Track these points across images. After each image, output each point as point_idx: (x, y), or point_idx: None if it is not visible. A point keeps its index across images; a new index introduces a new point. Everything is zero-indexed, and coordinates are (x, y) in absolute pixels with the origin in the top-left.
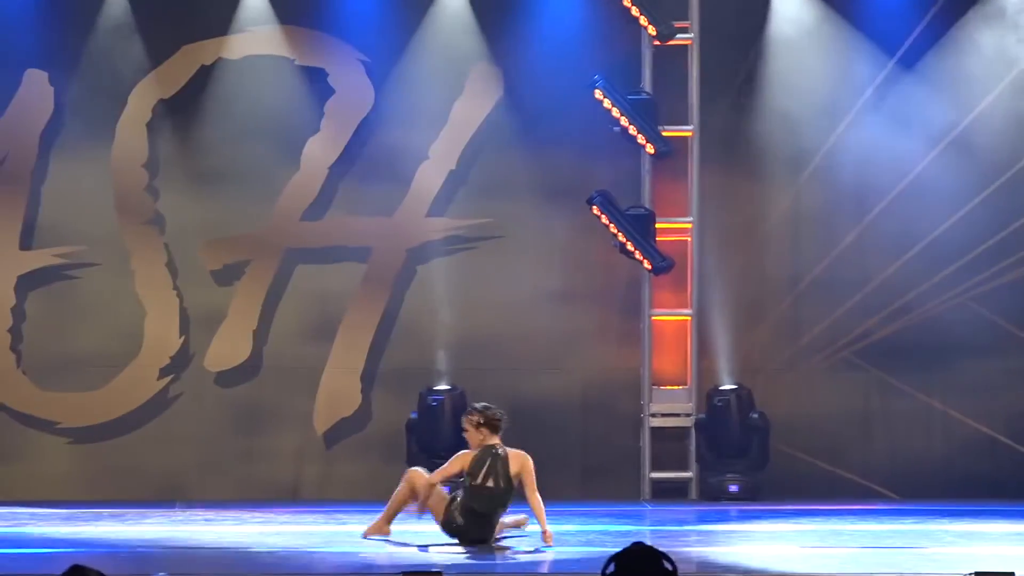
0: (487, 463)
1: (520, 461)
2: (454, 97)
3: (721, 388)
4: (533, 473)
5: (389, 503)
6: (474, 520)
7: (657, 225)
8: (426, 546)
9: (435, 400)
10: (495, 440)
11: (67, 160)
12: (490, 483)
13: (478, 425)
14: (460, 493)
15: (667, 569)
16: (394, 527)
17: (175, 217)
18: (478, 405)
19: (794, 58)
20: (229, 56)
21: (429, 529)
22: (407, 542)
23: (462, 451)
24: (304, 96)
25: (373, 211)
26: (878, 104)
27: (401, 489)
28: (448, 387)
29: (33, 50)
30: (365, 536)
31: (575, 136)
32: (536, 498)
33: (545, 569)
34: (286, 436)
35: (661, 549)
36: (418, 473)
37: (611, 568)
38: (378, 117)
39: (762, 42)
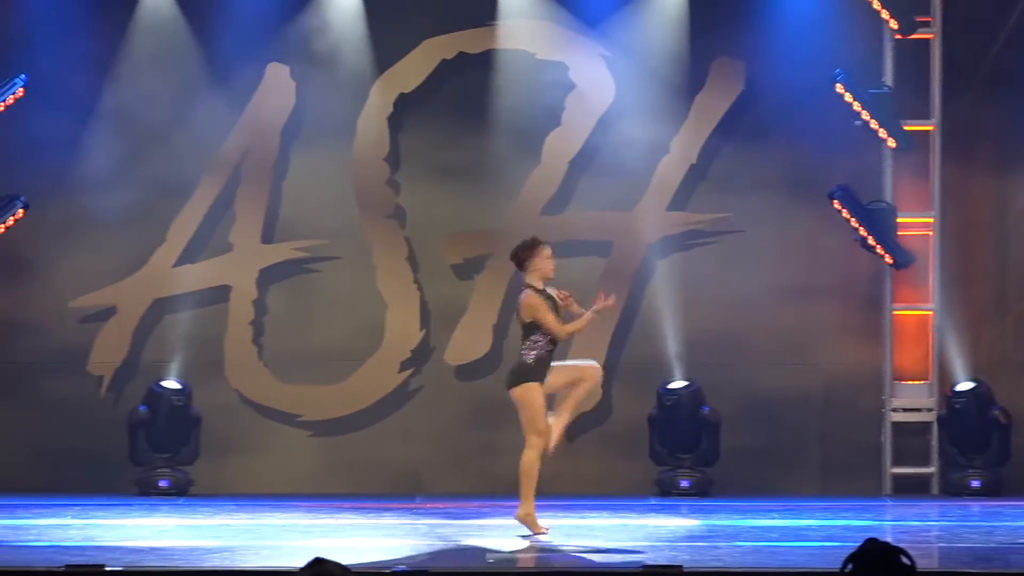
0: (549, 302)
1: None
2: (695, 91)
3: (959, 388)
4: None
5: (531, 483)
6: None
7: (898, 220)
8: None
9: (671, 396)
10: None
11: (308, 154)
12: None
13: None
14: (541, 344)
15: (905, 564)
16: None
17: (416, 211)
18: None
19: None
20: (470, 50)
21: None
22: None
23: (530, 295)
24: (545, 90)
25: (613, 205)
26: None
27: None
28: (686, 382)
29: (275, 44)
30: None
31: (816, 130)
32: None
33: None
34: None
35: (897, 545)
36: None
37: (849, 567)
38: (619, 111)
39: (1006, 35)
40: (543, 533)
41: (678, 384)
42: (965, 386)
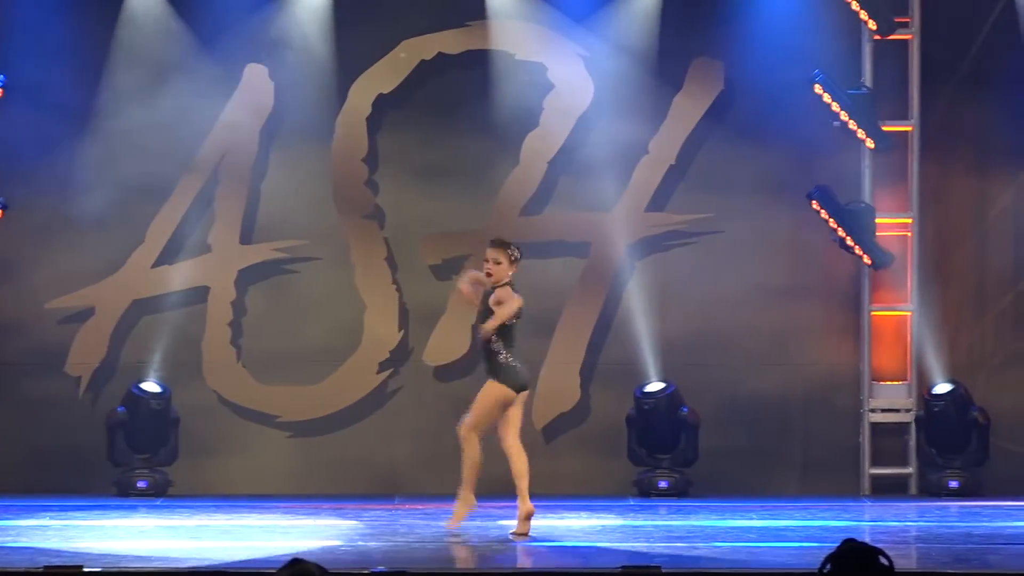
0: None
1: None
2: (674, 91)
3: (937, 388)
4: None
5: (468, 474)
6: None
7: (877, 220)
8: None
9: (648, 399)
10: None
11: (287, 155)
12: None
13: (516, 261)
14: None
15: (883, 565)
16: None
17: (394, 212)
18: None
19: (1017, 51)
20: (448, 51)
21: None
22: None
23: (505, 290)
24: (524, 90)
25: (592, 206)
26: None
27: (474, 453)
28: (664, 384)
29: (253, 45)
30: (451, 526)
31: (794, 131)
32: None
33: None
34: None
35: (875, 545)
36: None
37: (827, 568)
38: (597, 112)
39: (984, 35)
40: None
41: (656, 386)
42: (943, 387)
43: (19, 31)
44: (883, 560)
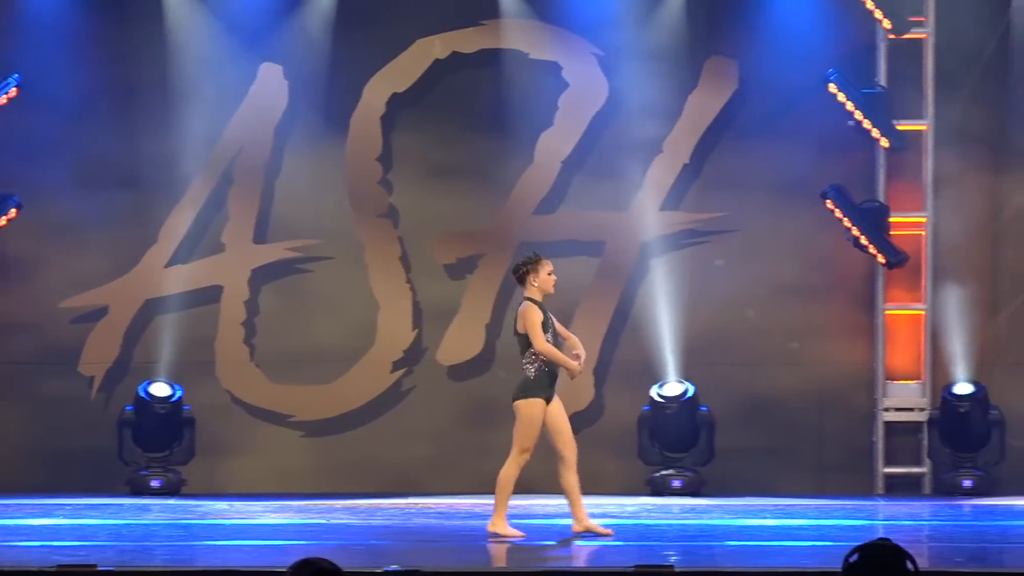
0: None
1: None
2: (688, 90)
3: (952, 388)
4: None
5: (505, 497)
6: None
7: (891, 219)
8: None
9: (670, 402)
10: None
11: (301, 154)
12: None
13: (552, 273)
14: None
15: (908, 569)
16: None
17: (409, 211)
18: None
19: None
20: (463, 50)
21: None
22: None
23: (528, 307)
24: (538, 90)
25: (606, 205)
26: None
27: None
28: (683, 384)
29: (268, 44)
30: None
31: (809, 130)
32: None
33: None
34: None
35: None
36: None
37: (855, 557)
38: (612, 111)
39: (999, 34)
40: (519, 537)
41: (675, 388)
42: (965, 387)
43: (35, 29)
44: (909, 565)
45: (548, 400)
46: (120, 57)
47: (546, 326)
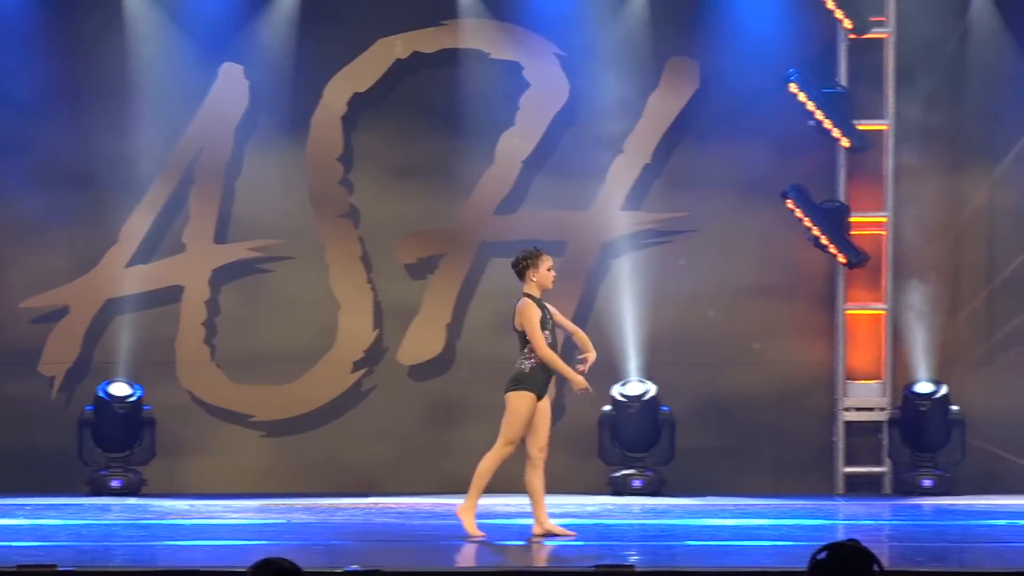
0: (543, 314)
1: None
2: (650, 90)
3: (913, 387)
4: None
5: (480, 485)
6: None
7: (851, 219)
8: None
9: (632, 401)
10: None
11: (261, 153)
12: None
13: (551, 268)
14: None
15: (873, 572)
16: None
17: (370, 211)
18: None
19: (992, 50)
20: (424, 49)
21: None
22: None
23: (527, 304)
24: (499, 90)
25: (567, 205)
26: None
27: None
28: (645, 384)
29: (229, 44)
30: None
31: (770, 130)
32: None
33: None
34: (479, 429)
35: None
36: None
37: (823, 555)
38: (573, 110)
39: (960, 35)
40: (479, 537)
41: (637, 387)
42: (919, 386)
43: None
44: (875, 568)
45: (539, 396)
46: (80, 57)
47: (545, 323)
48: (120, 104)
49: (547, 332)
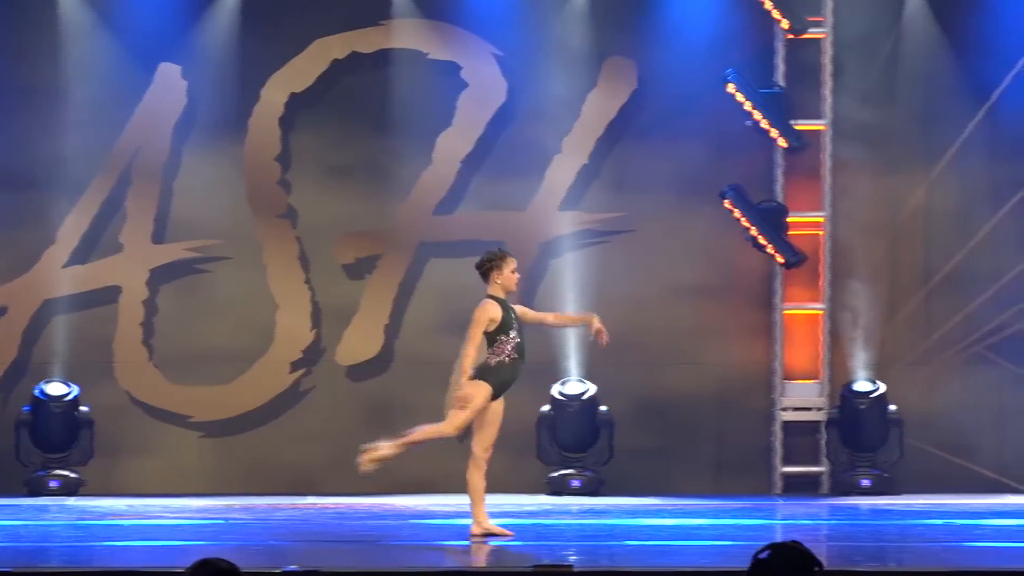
0: (506, 315)
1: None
2: (587, 90)
3: (851, 387)
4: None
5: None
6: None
7: (789, 219)
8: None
9: (572, 401)
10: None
11: (199, 154)
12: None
13: (515, 271)
14: (507, 351)
15: (814, 572)
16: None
17: (307, 211)
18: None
19: (928, 51)
20: (362, 50)
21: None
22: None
23: (487, 304)
24: (437, 90)
25: (505, 205)
26: (1016, 96)
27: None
28: (579, 382)
29: (166, 44)
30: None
31: (708, 130)
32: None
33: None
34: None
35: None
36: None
37: (765, 554)
38: (511, 111)
39: (896, 35)
40: (508, 536)
41: (575, 388)
42: (864, 384)
43: None
44: (816, 569)
45: (496, 394)
46: (13, 56)
47: (508, 324)
48: (56, 104)
49: (513, 333)
